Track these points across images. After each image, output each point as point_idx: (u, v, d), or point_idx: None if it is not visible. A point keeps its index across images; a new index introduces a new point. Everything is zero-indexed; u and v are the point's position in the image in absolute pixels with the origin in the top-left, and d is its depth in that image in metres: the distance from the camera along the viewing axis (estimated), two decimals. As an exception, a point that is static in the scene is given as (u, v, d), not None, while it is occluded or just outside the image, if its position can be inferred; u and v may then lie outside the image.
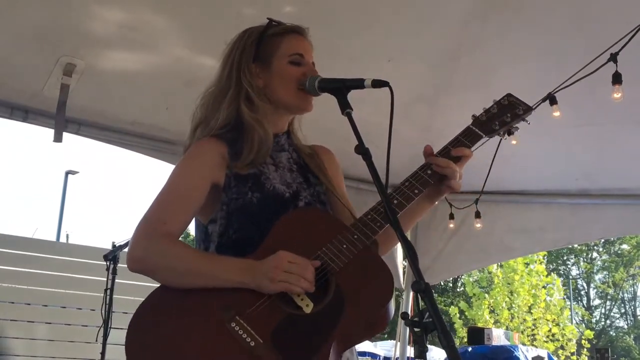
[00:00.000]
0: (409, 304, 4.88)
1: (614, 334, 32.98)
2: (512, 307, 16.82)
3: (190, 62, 3.10)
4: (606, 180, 4.30)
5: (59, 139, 3.31)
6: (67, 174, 17.76)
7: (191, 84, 2.87)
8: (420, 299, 1.20)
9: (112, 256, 5.02)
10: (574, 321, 26.76)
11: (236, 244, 1.66)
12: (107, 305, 4.92)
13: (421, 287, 1.18)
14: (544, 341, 16.15)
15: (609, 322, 33.89)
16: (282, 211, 1.69)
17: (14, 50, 2.98)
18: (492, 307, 17.05)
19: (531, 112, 1.76)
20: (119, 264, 4.98)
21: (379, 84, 1.55)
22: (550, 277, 17.51)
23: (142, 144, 3.75)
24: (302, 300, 1.51)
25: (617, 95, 2.78)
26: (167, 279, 1.57)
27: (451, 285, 28.61)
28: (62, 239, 16.54)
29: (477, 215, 4.42)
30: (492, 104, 1.78)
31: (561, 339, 16.56)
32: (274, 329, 1.47)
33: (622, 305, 34.47)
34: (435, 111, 3.53)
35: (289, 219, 1.68)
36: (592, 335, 18.23)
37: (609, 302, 33.98)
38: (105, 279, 5.01)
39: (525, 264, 16.87)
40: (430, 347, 12.23)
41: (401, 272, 5.09)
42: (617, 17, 2.70)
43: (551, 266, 29.91)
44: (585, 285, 34.09)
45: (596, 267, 33.73)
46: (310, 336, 1.48)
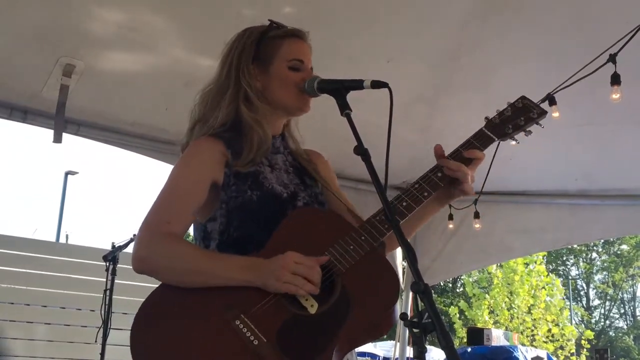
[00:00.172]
0: (408, 304, 4.88)
1: (614, 335, 32.97)
2: (512, 307, 16.82)
3: (189, 62, 3.10)
4: (606, 180, 4.31)
5: (58, 139, 3.31)
6: (67, 174, 17.76)
7: (191, 84, 2.87)
8: (419, 299, 1.20)
9: (112, 257, 5.02)
10: (574, 321, 26.76)
11: (237, 242, 1.66)
12: (107, 305, 4.92)
13: (420, 288, 1.18)
14: (544, 341, 16.15)
15: (608, 322, 33.89)
16: (281, 211, 1.69)
17: (14, 50, 2.98)
18: (491, 307, 17.05)
19: (545, 116, 1.70)
20: (119, 265, 4.98)
21: (378, 85, 1.55)
22: (549, 277, 17.52)
23: (142, 145, 3.75)
24: (307, 300, 1.51)
25: (615, 96, 2.78)
26: (172, 278, 1.57)
27: (451, 285, 28.60)
28: (62, 240, 16.55)
29: (476, 215, 4.42)
30: (506, 106, 1.73)
31: (560, 339, 16.57)
32: (279, 328, 1.47)
33: (622, 305, 34.47)
34: (434, 111, 3.53)
35: (296, 218, 1.68)
36: (592, 335, 18.23)
37: (608, 303, 33.98)
38: (104, 280, 5.01)
39: (525, 264, 16.87)
40: (429, 347, 12.24)
41: (401, 273, 5.09)
42: (616, 18, 2.70)
43: (551, 266, 29.93)
44: (584, 285, 34.09)
45: (596, 267, 33.73)
46: (314, 337, 1.48)
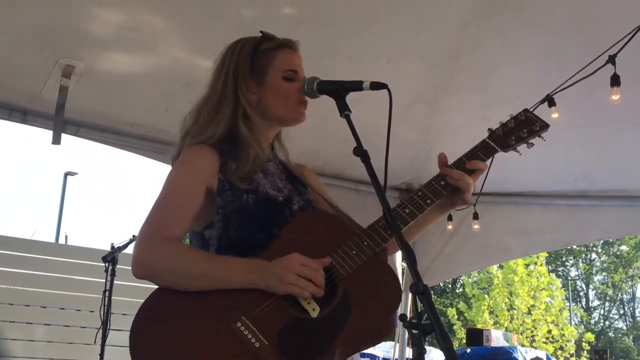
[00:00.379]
0: (407, 305, 4.88)
1: (613, 335, 32.97)
2: (512, 308, 16.83)
3: (189, 63, 3.10)
4: (605, 181, 4.31)
5: (57, 141, 3.30)
6: (66, 175, 17.74)
7: (190, 85, 2.87)
8: (418, 300, 1.20)
9: (111, 258, 5.01)
10: (573, 322, 26.76)
11: (236, 245, 1.66)
12: (106, 306, 4.92)
13: (419, 289, 1.18)
14: (543, 342, 16.16)
15: (607, 323, 33.89)
16: (278, 213, 1.70)
17: (13, 51, 2.98)
18: (491, 308, 17.05)
19: (547, 129, 1.74)
20: (118, 266, 4.98)
21: (377, 86, 1.56)
22: (549, 277, 17.52)
23: (141, 146, 3.75)
24: (308, 304, 1.51)
25: (615, 97, 2.78)
26: (173, 282, 1.56)
27: (450, 286, 28.59)
28: (61, 241, 16.51)
29: (476, 216, 4.42)
30: (509, 118, 1.77)
31: (560, 340, 16.57)
32: (280, 331, 1.47)
33: (621, 306, 34.46)
34: (434, 112, 3.53)
35: (300, 221, 1.69)
36: (592, 338, 18.24)
37: (607, 303, 33.98)
38: (104, 281, 5.01)
39: (525, 265, 16.88)
40: (429, 348, 12.25)
41: (400, 274, 5.09)
42: (615, 19, 2.70)
43: (550, 267, 29.92)
44: (584, 286, 34.10)
45: (595, 268, 33.73)
46: (315, 340, 1.48)
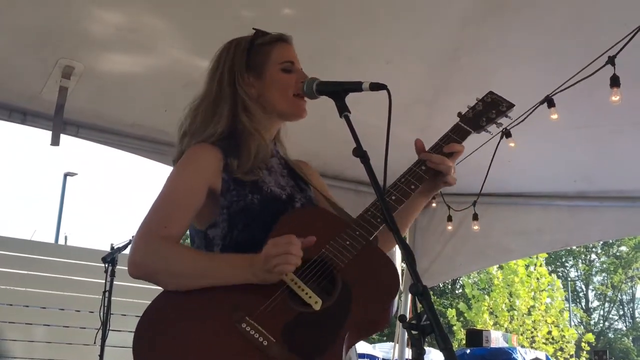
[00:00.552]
0: (407, 306, 4.88)
1: (613, 336, 32.98)
2: (512, 309, 16.83)
3: (189, 63, 3.10)
4: (604, 182, 4.31)
5: (56, 142, 3.31)
6: (66, 175, 17.73)
7: (190, 85, 2.85)
8: (417, 301, 1.20)
9: (111, 258, 5.02)
10: (572, 323, 26.77)
11: (240, 245, 1.66)
12: (106, 307, 4.92)
13: (419, 289, 1.18)
14: (543, 343, 16.17)
15: (607, 324, 33.90)
16: (282, 212, 1.71)
17: (13, 52, 2.98)
18: (491, 309, 17.06)
19: (513, 108, 1.83)
20: (118, 266, 4.98)
21: (376, 87, 1.56)
22: (550, 277, 17.53)
23: (141, 146, 3.75)
24: (310, 297, 1.51)
25: (615, 98, 2.78)
26: (169, 281, 1.56)
27: (450, 287, 28.60)
28: (61, 241, 16.49)
29: (475, 217, 4.43)
30: (477, 101, 1.85)
31: (560, 341, 16.58)
32: (285, 327, 1.47)
33: (621, 307, 34.47)
34: (434, 112, 3.53)
35: (290, 217, 1.70)
36: (592, 338, 18.25)
37: (607, 304, 33.99)
38: (103, 281, 5.01)
39: (525, 266, 16.89)
40: (429, 349, 12.24)
41: (400, 275, 5.09)
42: (615, 20, 2.70)
43: (550, 268, 29.93)
44: (583, 287, 34.11)
45: (595, 269, 33.75)
46: (321, 332, 1.48)
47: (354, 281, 1.55)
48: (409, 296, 4.87)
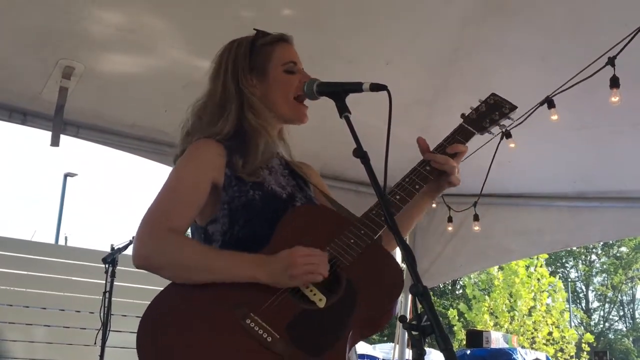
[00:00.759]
0: (407, 307, 4.88)
1: (613, 337, 32.96)
2: (513, 309, 16.83)
3: (189, 64, 3.11)
4: (604, 183, 4.31)
5: (56, 143, 3.30)
6: (66, 176, 17.73)
7: (190, 86, 2.87)
8: (418, 302, 1.20)
9: (111, 259, 5.01)
10: (573, 324, 26.75)
11: (241, 241, 1.66)
12: (106, 308, 4.92)
13: (419, 290, 1.18)
14: (544, 344, 16.17)
15: (607, 324, 33.88)
16: (283, 210, 1.71)
17: (13, 52, 2.98)
18: (492, 309, 17.06)
19: (516, 110, 1.83)
20: (118, 267, 4.98)
21: (377, 87, 1.55)
22: (552, 278, 17.53)
23: (141, 147, 3.75)
24: (314, 295, 1.52)
25: (614, 99, 2.78)
26: (174, 274, 1.56)
27: (450, 287, 28.59)
28: (61, 242, 16.50)
29: (476, 218, 4.43)
30: (480, 103, 1.85)
31: (561, 342, 16.58)
32: (290, 324, 1.47)
33: (621, 307, 34.46)
34: (433, 113, 3.54)
35: (294, 215, 1.70)
36: (592, 339, 18.25)
37: (607, 305, 33.98)
38: (104, 282, 5.01)
39: (525, 267, 16.88)
40: (429, 350, 12.25)
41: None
42: (615, 21, 2.70)
43: (550, 269, 29.94)
44: (584, 287, 34.10)
45: (595, 269, 33.74)
46: (326, 329, 1.49)
47: (358, 279, 1.55)
48: (409, 297, 4.87)
